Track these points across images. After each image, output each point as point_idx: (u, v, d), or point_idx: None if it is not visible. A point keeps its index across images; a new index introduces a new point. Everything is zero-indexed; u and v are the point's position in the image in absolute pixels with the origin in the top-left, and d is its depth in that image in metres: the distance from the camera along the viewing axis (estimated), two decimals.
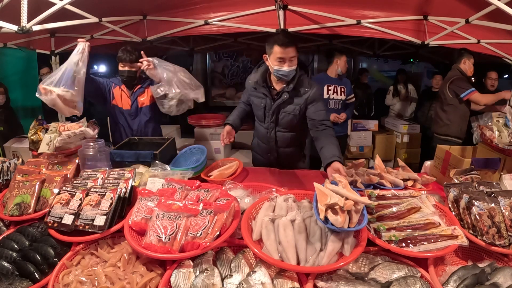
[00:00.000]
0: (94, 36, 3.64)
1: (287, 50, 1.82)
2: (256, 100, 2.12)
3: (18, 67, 3.96)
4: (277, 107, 2.04)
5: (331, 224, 1.18)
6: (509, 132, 1.98)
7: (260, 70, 2.08)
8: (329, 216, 1.19)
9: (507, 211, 1.32)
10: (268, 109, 2.08)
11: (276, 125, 2.12)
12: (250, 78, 2.14)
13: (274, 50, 1.84)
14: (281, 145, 2.19)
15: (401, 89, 5.29)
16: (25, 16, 1.95)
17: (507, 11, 1.73)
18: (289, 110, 2.04)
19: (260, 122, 2.21)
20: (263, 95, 2.06)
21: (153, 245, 1.19)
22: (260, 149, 2.30)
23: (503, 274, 1.17)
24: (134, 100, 2.54)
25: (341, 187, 1.32)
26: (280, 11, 2.96)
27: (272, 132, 2.14)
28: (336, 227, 1.17)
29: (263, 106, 2.09)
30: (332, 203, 1.21)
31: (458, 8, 2.66)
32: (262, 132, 2.20)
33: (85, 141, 1.93)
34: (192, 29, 3.35)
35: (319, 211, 1.22)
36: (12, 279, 1.18)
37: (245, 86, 2.22)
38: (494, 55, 3.32)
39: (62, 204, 1.41)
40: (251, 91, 2.13)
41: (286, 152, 2.22)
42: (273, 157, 2.25)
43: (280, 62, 1.86)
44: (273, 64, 1.89)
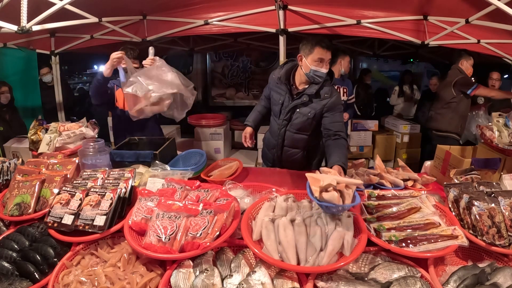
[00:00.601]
0: (94, 36, 3.64)
1: (328, 52, 1.89)
2: (276, 96, 2.14)
3: (18, 67, 3.95)
4: (294, 106, 2.05)
5: (326, 203, 1.23)
6: (509, 132, 1.98)
7: (285, 68, 2.09)
8: (324, 195, 1.24)
9: (507, 211, 1.32)
10: (285, 106, 2.09)
11: (288, 123, 2.13)
12: (275, 73, 2.15)
13: (316, 50, 1.88)
14: (286, 144, 2.20)
15: (406, 90, 5.31)
16: (25, 16, 1.95)
17: (507, 11, 1.74)
18: (305, 112, 2.04)
19: (275, 118, 2.21)
20: (283, 92, 2.08)
21: (153, 245, 1.19)
22: (269, 143, 2.31)
23: (503, 274, 1.17)
24: None
25: (332, 173, 1.41)
26: (280, 11, 2.96)
27: (283, 130, 2.15)
28: (333, 204, 1.22)
29: (281, 102, 2.10)
30: (326, 185, 1.26)
31: (458, 8, 2.67)
32: (274, 127, 2.22)
33: (85, 141, 1.93)
34: (192, 29, 3.35)
35: (313, 191, 1.27)
36: (12, 279, 1.18)
37: (268, 81, 2.23)
38: (494, 55, 3.32)
39: (62, 204, 1.40)
40: (274, 86, 2.15)
41: (289, 152, 2.22)
42: (278, 154, 2.26)
43: (320, 63, 1.89)
44: (311, 64, 1.90)
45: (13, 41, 3.64)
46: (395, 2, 2.87)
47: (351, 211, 1.35)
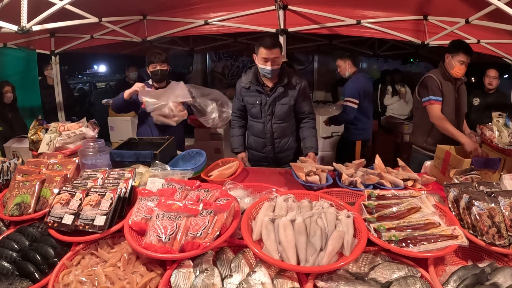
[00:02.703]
0: (94, 36, 3.65)
1: (272, 50, 2.09)
2: (251, 99, 2.34)
3: (18, 67, 3.95)
4: (273, 100, 2.27)
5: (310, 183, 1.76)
6: (509, 132, 1.98)
7: (250, 72, 2.32)
8: (308, 178, 1.79)
9: (507, 211, 1.32)
10: (263, 104, 2.29)
11: (272, 117, 2.31)
12: (242, 81, 2.36)
13: (260, 50, 2.11)
14: (277, 136, 2.37)
15: (399, 88, 5.29)
16: (25, 16, 1.95)
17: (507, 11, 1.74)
18: (285, 101, 2.28)
19: (255, 119, 2.40)
20: (258, 93, 2.29)
21: (153, 245, 1.19)
22: (256, 144, 2.45)
23: (503, 274, 1.17)
24: None
25: (309, 163, 1.98)
26: (280, 11, 2.96)
27: (269, 124, 2.34)
28: (316, 184, 1.76)
29: (259, 102, 2.30)
30: (308, 170, 1.81)
31: (458, 8, 2.67)
32: (258, 127, 2.39)
33: (85, 141, 1.93)
34: (192, 29, 3.36)
35: (299, 176, 1.81)
36: (12, 279, 1.18)
37: (236, 91, 2.43)
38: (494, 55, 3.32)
39: (62, 204, 1.40)
40: (244, 92, 2.36)
41: (281, 142, 2.40)
42: (269, 149, 2.41)
43: (265, 62, 2.12)
44: (259, 63, 2.16)
45: (13, 41, 3.64)
46: (395, 2, 2.87)
47: (351, 211, 1.35)
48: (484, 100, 3.75)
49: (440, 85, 2.47)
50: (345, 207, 1.40)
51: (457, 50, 2.44)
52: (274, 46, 2.10)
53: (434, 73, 2.53)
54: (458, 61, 2.44)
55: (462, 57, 2.42)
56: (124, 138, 2.46)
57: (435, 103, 2.45)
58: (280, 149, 2.41)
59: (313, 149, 2.26)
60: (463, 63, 2.44)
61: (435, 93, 2.45)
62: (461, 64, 2.44)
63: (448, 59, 2.50)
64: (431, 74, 2.52)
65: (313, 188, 1.76)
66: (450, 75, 2.50)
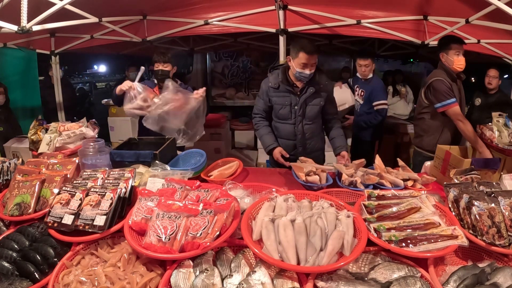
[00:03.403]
0: (94, 36, 3.64)
1: (312, 57, 2.06)
2: (280, 100, 2.27)
3: (18, 67, 3.95)
4: (304, 101, 2.23)
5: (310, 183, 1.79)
6: (509, 132, 1.98)
7: (278, 72, 2.26)
8: (308, 178, 1.81)
9: (507, 211, 1.32)
10: (294, 104, 2.25)
11: (303, 118, 2.29)
12: (270, 81, 2.28)
13: (300, 55, 2.06)
14: (308, 136, 2.34)
15: (400, 88, 5.29)
16: (25, 16, 1.95)
17: (507, 11, 1.74)
18: (316, 102, 2.26)
19: (283, 121, 2.33)
20: (287, 93, 2.24)
21: (153, 245, 1.19)
22: (285, 146, 2.32)
23: (503, 274, 1.17)
24: None
25: (309, 163, 1.99)
26: (280, 11, 2.96)
27: (300, 125, 2.30)
28: (316, 184, 1.78)
29: (289, 103, 2.25)
30: (308, 170, 1.83)
31: (458, 8, 2.67)
32: (287, 129, 2.33)
33: (85, 141, 1.93)
34: (192, 29, 3.36)
35: (299, 176, 1.84)
36: (12, 279, 1.18)
37: (261, 91, 2.34)
38: (494, 55, 3.32)
39: (62, 204, 1.40)
40: (272, 93, 2.28)
41: (312, 143, 2.38)
42: (299, 150, 2.35)
43: (304, 67, 2.08)
44: (296, 67, 2.10)
45: (13, 41, 3.64)
46: (395, 2, 2.87)
47: (351, 211, 1.35)
48: (486, 100, 3.72)
49: (451, 86, 2.43)
50: (345, 207, 1.40)
51: (448, 44, 2.44)
52: (315, 52, 2.07)
53: (441, 75, 2.47)
54: (454, 54, 2.41)
55: (455, 49, 2.40)
56: (124, 138, 2.46)
57: (454, 105, 2.39)
58: (311, 150, 2.37)
59: (344, 148, 2.27)
60: (459, 53, 2.40)
61: (451, 95, 2.40)
62: (458, 56, 2.41)
63: (444, 57, 2.47)
64: (439, 77, 2.45)
65: (313, 188, 1.77)
66: (454, 75, 2.47)
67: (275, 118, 2.37)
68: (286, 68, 2.24)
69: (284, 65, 2.27)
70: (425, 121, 2.64)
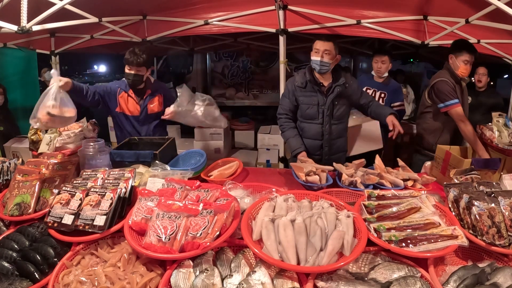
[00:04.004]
0: (94, 36, 3.64)
1: (326, 43, 2.11)
2: (307, 99, 2.27)
3: (18, 67, 3.95)
4: (332, 101, 2.23)
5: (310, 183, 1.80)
6: (509, 132, 1.98)
7: (305, 71, 2.27)
8: (309, 178, 1.81)
9: (507, 211, 1.32)
10: (321, 104, 2.24)
11: (331, 118, 2.28)
12: (296, 80, 2.28)
13: (314, 43, 2.15)
14: (334, 136, 2.34)
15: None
16: (25, 16, 1.95)
17: (507, 11, 1.74)
18: (343, 102, 2.28)
19: (310, 121, 2.31)
20: (314, 92, 2.24)
21: (153, 245, 1.19)
22: (311, 147, 2.32)
23: (503, 274, 1.17)
24: (144, 107, 2.48)
25: (309, 163, 1.99)
26: (280, 11, 2.96)
27: (327, 125, 2.28)
28: (316, 184, 1.79)
29: (316, 103, 2.24)
30: (308, 170, 1.83)
31: (458, 8, 2.66)
32: (314, 129, 2.31)
33: (85, 141, 1.93)
34: (192, 29, 3.35)
35: (299, 176, 1.84)
36: (12, 279, 1.18)
37: (287, 90, 2.32)
38: (494, 55, 3.32)
39: (62, 204, 1.40)
40: (299, 92, 2.27)
41: (337, 143, 2.38)
42: (325, 150, 2.35)
43: (316, 53, 2.13)
44: (311, 56, 2.17)
45: (13, 41, 3.64)
46: (395, 2, 2.86)
47: (351, 211, 1.35)
48: (476, 98, 3.73)
49: (454, 87, 2.44)
50: (345, 207, 1.40)
51: (460, 50, 2.42)
52: (328, 39, 2.14)
53: (445, 76, 2.48)
54: (462, 61, 2.41)
55: (466, 57, 2.40)
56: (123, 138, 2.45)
57: (457, 105, 2.40)
58: (336, 150, 2.37)
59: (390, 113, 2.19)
60: (467, 62, 2.41)
61: (454, 96, 2.41)
62: (465, 64, 2.41)
63: (452, 59, 2.47)
64: (444, 78, 2.47)
65: (313, 188, 1.78)
66: (457, 77, 2.47)
67: (301, 118, 2.34)
68: (311, 68, 2.25)
69: (309, 66, 2.27)
70: (426, 121, 2.66)
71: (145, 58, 2.32)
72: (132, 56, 2.29)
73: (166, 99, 2.55)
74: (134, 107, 2.48)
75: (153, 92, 2.50)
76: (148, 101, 2.50)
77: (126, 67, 2.35)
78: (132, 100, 2.47)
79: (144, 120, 2.51)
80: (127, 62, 2.32)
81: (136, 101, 2.48)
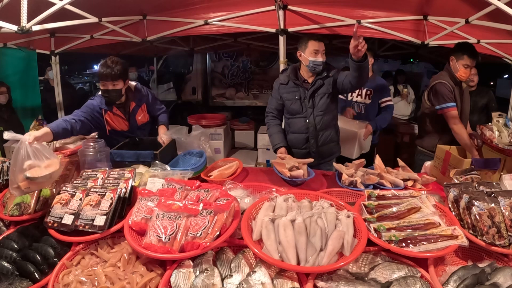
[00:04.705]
0: (94, 36, 3.64)
1: (321, 44, 2.18)
2: (290, 95, 2.34)
3: (18, 67, 3.95)
4: (312, 92, 2.29)
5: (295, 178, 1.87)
6: (509, 132, 1.98)
7: (288, 70, 2.35)
8: (293, 173, 1.87)
9: (507, 211, 1.32)
10: (303, 98, 2.31)
11: (314, 109, 2.32)
12: (280, 79, 2.39)
13: (310, 44, 2.18)
14: (320, 128, 2.36)
15: (402, 89, 5.30)
16: (25, 16, 1.95)
17: (507, 11, 1.74)
18: (323, 91, 2.30)
19: (295, 116, 2.38)
20: (296, 87, 2.32)
21: (153, 245, 1.19)
22: (298, 141, 2.41)
23: (503, 274, 1.17)
24: (133, 122, 2.34)
25: (288, 159, 2.04)
26: (280, 11, 2.96)
27: (311, 117, 2.33)
28: (300, 178, 1.87)
29: (298, 97, 2.32)
30: (291, 166, 1.89)
31: (458, 8, 2.67)
32: (299, 123, 2.37)
33: (85, 141, 1.93)
34: (192, 29, 3.35)
35: (283, 173, 1.90)
36: (12, 279, 1.18)
37: (273, 90, 2.43)
38: (494, 55, 3.32)
39: (62, 204, 1.40)
40: (282, 89, 2.37)
41: (324, 134, 2.39)
42: (312, 143, 2.38)
43: (316, 54, 2.19)
44: (309, 57, 2.20)
45: (13, 41, 3.64)
46: (395, 2, 2.87)
47: (351, 211, 1.35)
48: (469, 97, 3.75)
49: (453, 90, 2.46)
50: (345, 207, 1.40)
51: (462, 53, 2.42)
52: (322, 39, 2.20)
53: (444, 78, 2.49)
54: (462, 65, 2.41)
55: (467, 61, 2.40)
56: None
57: (453, 109, 2.42)
58: (323, 142, 2.39)
59: None
60: (467, 66, 2.41)
61: (451, 99, 2.43)
62: (465, 68, 2.41)
63: (453, 62, 2.47)
64: (443, 80, 2.48)
65: (296, 182, 1.86)
66: (457, 79, 2.48)
67: (287, 114, 2.42)
68: (296, 66, 2.34)
69: (293, 65, 2.37)
70: (426, 122, 2.67)
71: (120, 70, 2.09)
72: (105, 70, 2.06)
73: (149, 106, 2.41)
74: (122, 123, 2.32)
75: (138, 103, 2.34)
76: (136, 114, 2.34)
77: (100, 82, 2.14)
78: (119, 116, 2.28)
79: (134, 131, 2.37)
80: (100, 76, 2.11)
81: (123, 117, 2.30)
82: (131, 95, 2.32)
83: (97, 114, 2.22)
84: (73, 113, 2.11)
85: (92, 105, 2.20)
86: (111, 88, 2.11)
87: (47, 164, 1.50)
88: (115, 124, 2.30)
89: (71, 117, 2.04)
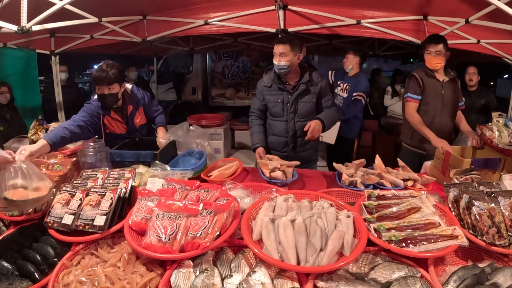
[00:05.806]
0: (94, 36, 3.64)
1: (280, 46, 2.16)
2: (273, 98, 2.35)
3: (18, 67, 3.95)
4: (296, 98, 2.29)
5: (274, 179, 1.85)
6: (509, 132, 1.98)
7: (272, 71, 2.34)
8: (272, 174, 1.87)
9: (507, 211, 1.32)
10: (286, 102, 2.31)
11: (295, 115, 2.33)
12: (264, 80, 2.39)
13: (274, 47, 2.18)
14: (300, 134, 2.35)
15: (399, 89, 5.29)
16: (25, 16, 1.95)
17: (507, 11, 1.74)
18: (307, 99, 2.31)
19: (276, 118, 2.39)
20: (279, 91, 2.31)
21: (153, 245, 1.19)
22: (277, 144, 2.44)
23: (503, 274, 1.17)
24: (131, 125, 2.35)
25: (275, 160, 2.03)
26: (280, 11, 2.96)
27: (292, 122, 2.34)
28: (279, 180, 1.84)
29: (281, 100, 2.32)
30: (273, 167, 1.89)
31: (458, 8, 2.67)
32: (280, 126, 2.39)
33: (85, 141, 1.93)
34: (192, 29, 3.35)
35: (264, 173, 1.89)
36: (12, 279, 1.18)
37: (257, 91, 2.45)
38: (494, 55, 3.32)
39: (62, 204, 1.40)
40: (265, 91, 2.37)
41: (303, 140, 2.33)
42: (290, 148, 2.39)
43: (276, 57, 2.18)
44: (274, 60, 2.21)
45: (13, 41, 3.64)
46: (395, 2, 2.87)
47: (351, 211, 1.35)
48: (468, 98, 3.71)
49: (422, 82, 2.56)
50: (345, 207, 1.40)
51: (424, 43, 2.59)
52: (280, 42, 2.18)
53: (418, 71, 2.62)
54: (427, 53, 2.53)
55: (429, 48, 2.50)
56: None
57: (411, 100, 2.58)
58: (302, 148, 2.40)
59: (319, 118, 2.20)
60: (430, 53, 2.50)
61: (414, 91, 2.57)
62: (429, 55, 2.51)
63: (424, 56, 2.59)
64: (414, 72, 2.63)
65: (277, 184, 1.83)
66: (433, 72, 2.57)
67: (269, 115, 2.44)
68: None
69: None
70: (403, 115, 2.79)
71: (116, 74, 2.09)
72: (100, 74, 2.06)
73: (145, 108, 2.41)
74: (121, 127, 2.33)
75: (135, 106, 2.34)
76: (134, 117, 2.35)
77: (96, 87, 2.12)
78: (116, 119, 2.29)
79: (132, 134, 2.36)
80: (96, 81, 2.10)
81: (121, 120, 2.30)
82: (128, 99, 2.31)
83: (95, 118, 2.21)
84: (72, 119, 2.09)
85: (90, 109, 2.19)
86: (107, 92, 2.11)
87: (36, 187, 1.33)
88: (114, 128, 2.30)
89: (70, 123, 2.02)
